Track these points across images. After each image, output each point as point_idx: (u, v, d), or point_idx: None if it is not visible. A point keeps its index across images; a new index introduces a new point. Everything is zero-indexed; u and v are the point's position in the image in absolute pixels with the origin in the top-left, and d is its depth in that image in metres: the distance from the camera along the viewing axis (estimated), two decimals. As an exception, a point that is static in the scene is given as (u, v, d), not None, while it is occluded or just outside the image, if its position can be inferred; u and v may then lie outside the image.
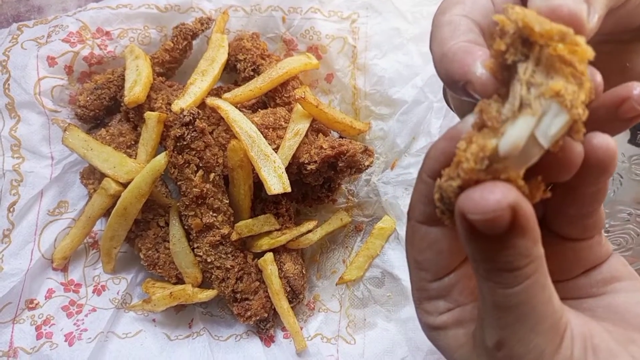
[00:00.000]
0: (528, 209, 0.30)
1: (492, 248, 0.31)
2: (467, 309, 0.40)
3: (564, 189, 0.37)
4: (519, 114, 0.29)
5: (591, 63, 0.32)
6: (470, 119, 0.34)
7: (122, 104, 0.86)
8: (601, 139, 0.34)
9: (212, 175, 0.79)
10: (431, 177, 0.37)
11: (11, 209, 0.83)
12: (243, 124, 0.80)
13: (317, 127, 0.89)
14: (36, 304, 0.83)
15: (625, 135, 0.83)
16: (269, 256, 0.84)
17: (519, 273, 0.32)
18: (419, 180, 0.39)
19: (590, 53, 0.29)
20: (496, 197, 0.29)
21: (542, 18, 0.30)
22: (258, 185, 0.82)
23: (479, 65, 0.36)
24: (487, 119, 0.32)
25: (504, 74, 0.33)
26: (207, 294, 0.83)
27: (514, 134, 0.29)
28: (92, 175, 0.86)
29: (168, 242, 0.84)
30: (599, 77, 0.34)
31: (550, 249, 0.40)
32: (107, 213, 0.83)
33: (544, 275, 0.33)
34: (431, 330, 0.41)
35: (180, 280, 0.86)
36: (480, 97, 0.35)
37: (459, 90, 0.38)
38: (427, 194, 0.38)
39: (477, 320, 0.38)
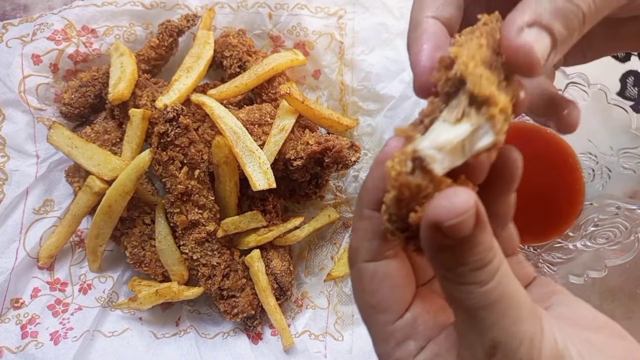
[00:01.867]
0: (481, 205, 0.32)
1: (462, 251, 0.32)
2: (440, 341, 0.39)
3: None
4: (460, 121, 0.33)
5: None
6: (394, 140, 0.37)
7: (107, 102, 0.86)
8: (508, 151, 0.37)
9: (197, 172, 0.79)
10: (374, 209, 0.38)
11: (-4, 208, 0.82)
12: (228, 120, 0.80)
13: (304, 124, 0.89)
14: (22, 303, 0.82)
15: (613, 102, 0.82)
16: (256, 253, 0.83)
17: (491, 267, 0.33)
18: (359, 219, 0.39)
19: (509, 110, 0.33)
20: (462, 198, 0.30)
21: (481, 70, 0.33)
22: (245, 181, 0.82)
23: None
24: (423, 116, 0.35)
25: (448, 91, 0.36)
26: (193, 292, 0.82)
27: (451, 134, 0.32)
28: (78, 173, 0.85)
29: (154, 239, 0.83)
30: (522, 94, 0.37)
31: None
32: (92, 211, 0.83)
33: (506, 264, 0.34)
34: None
35: (166, 278, 0.85)
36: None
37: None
38: (371, 229, 0.38)
39: (459, 344, 0.37)
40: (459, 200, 0.30)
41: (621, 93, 0.90)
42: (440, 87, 0.36)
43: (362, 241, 0.39)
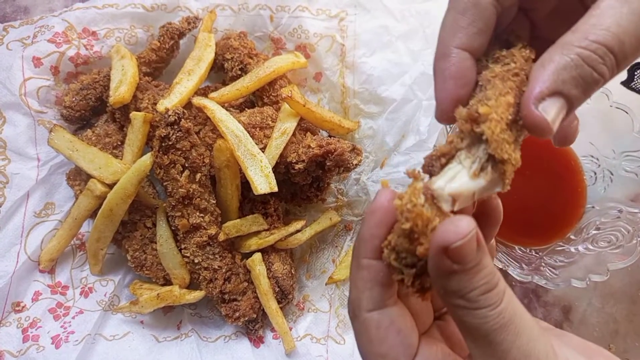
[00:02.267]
0: (479, 230, 0.34)
1: (471, 274, 0.34)
2: None
3: None
4: (477, 176, 0.37)
5: None
6: (385, 192, 0.40)
7: (108, 105, 0.86)
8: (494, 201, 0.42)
9: (198, 176, 0.79)
10: (373, 257, 0.39)
11: (-4, 211, 0.82)
12: (229, 124, 0.80)
13: (306, 126, 0.88)
14: (23, 307, 0.82)
15: (620, 78, 0.81)
16: (257, 256, 0.83)
17: (498, 289, 0.35)
18: (357, 270, 0.40)
19: (519, 162, 0.39)
20: (465, 222, 0.33)
21: (505, 135, 0.37)
22: (246, 185, 0.82)
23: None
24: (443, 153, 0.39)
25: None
26: (195, 295, 0.82)
27: (468, 185, 0.37)
28: (79, 177, 0.85)
29: (155, 243, 0.83)
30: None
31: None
32: (93, 214, 0.83)
33: (509, 288, 0.37)
34: None
35: (168, 282, 0.85)
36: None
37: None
38: (371, 277, 0.39)
39: None
40: (463, 224, 0.33)
41: (626, 83, 0.88)
42: (462, 131, 0.39)
43: (363, 291, 0.40)
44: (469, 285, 0.34)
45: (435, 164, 0.39)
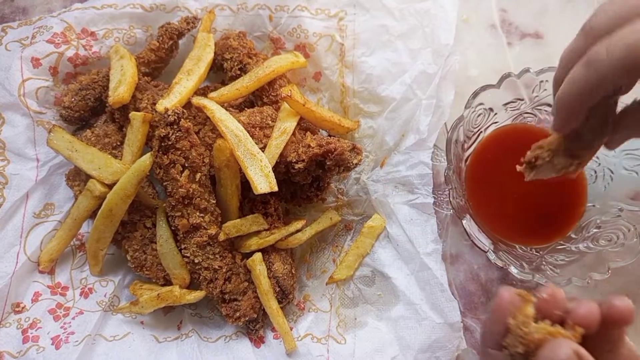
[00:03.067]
0: (584, 351, 0.39)
1: None
2: None
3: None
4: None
5: None
6: (506, 291, 0.51)
7: (107, 105, 0.85)
8: (619, 302, 0.46)
9: (198, 175, 0.79)
10: (496, 349, 0.48)
11: (-4, 212, 0.82)
12: (229, 124, 0.79)
13: (306, 126, 0.88)
14: (22, 308, 0.82)
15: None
16: (258, 256, 0.83)
17: None
18: (485, 356, 0.49)
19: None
20: (564, 350, 0.38)
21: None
22: (246, 184, 0.81)
23: None
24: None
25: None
26: (195, 295, 0.82)
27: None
28: (78, 177, 0.85)
29: (155, 243, 0.83)
30: None
31: None
32: (93, 215, 0.82)
33: None
34: None
35: (168, 282, 0.85)
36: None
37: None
38: None
39: None
40: (562, 351, 0.38)
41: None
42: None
43: None
44: None
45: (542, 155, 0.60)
